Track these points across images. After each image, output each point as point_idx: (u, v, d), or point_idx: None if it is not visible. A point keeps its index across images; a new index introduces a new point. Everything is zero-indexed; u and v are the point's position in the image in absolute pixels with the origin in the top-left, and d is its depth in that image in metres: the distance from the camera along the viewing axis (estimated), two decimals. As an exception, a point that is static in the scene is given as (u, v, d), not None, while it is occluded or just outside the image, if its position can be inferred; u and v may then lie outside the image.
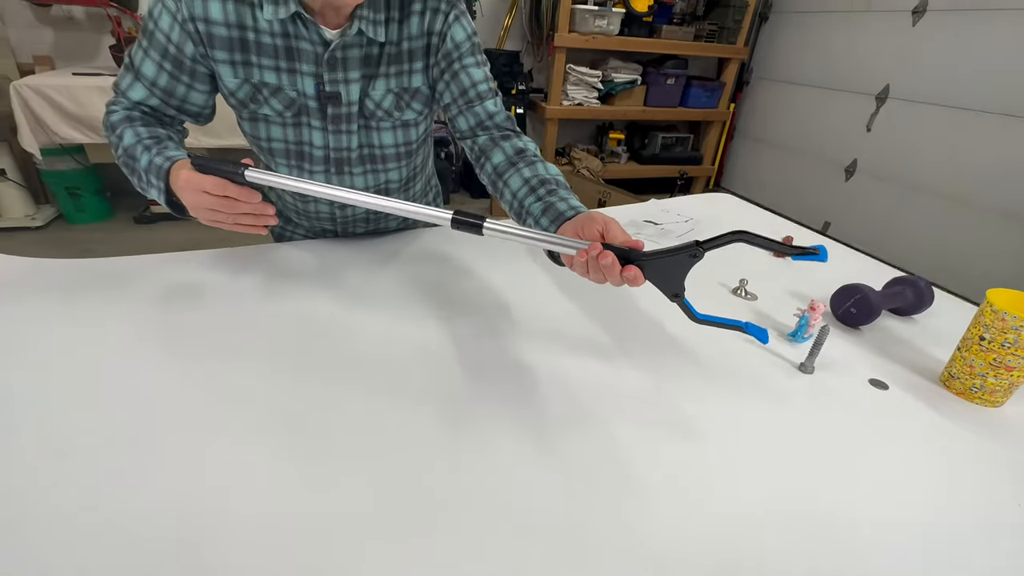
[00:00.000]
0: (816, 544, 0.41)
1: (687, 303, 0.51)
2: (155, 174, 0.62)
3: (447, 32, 0.70)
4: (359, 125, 0.73)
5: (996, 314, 0.55)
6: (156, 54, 0.65)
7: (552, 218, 0.60)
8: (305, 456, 0.45)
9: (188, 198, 0.58)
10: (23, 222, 2.46)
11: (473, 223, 0.51)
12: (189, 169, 0.57)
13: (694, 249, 0.49)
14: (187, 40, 0.64)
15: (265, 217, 0.59)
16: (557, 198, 0.63)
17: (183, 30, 0.63)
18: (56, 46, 2.60)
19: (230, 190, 0.56)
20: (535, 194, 0.65)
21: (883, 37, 2.83)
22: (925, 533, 0.43)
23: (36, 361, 0.53)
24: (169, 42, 0.64)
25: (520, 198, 0.66)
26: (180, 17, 0.62)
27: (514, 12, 3.21)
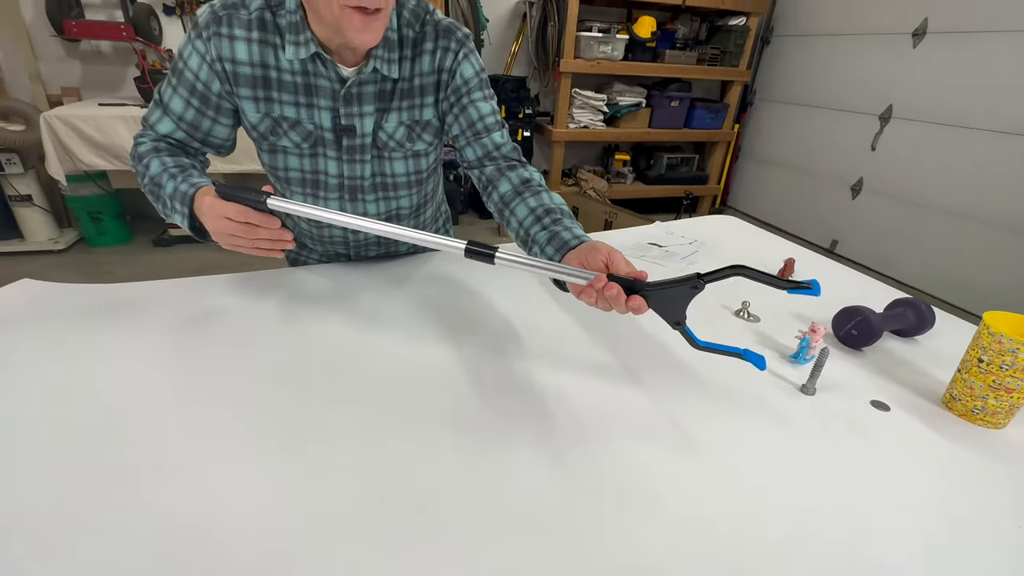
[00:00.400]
0: (817, 563, 0.42)
1: (688, 331, 0.53)
2: (179, 200, 0.65)
3: (456, 69, 0.74)
4: (372, 155, 0.77)
5: (993, 337, 0.56)
6: (184, 91, 0.69)
7: (557, 247, 0.63)
8: (317, 475, 0.47)
9: (211, 223, 0.62)
10: (46, 245, 2.55)
11: (486, 253, 0.54)
12: (213, 196, 0.61)
13: (695, 281, 0.51)
14: (215, 78, 0.69)
15: (283, 242, 0.62)
16: (562, 227, 0.65)
17: (211, 69, 0.68)
18: (84, 78, 2.72)
19: (252, 217, 0.59)
20: (540, 223, 0.68)
21: (884, 59, 2.87)
22: (925, 554, 0.43)
23: (55, 382, 0.56)
24: (197, 80, 0.69)
25: (526, 227, 0.69)
26: (209, 58, 0.67)
27: (521, 39, 3.31)
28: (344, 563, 0.39)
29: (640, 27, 3.13)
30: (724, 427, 0.56)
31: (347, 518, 0.43)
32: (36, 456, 0.47)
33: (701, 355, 0.68)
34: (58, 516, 0.41)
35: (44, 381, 0.57)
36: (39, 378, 0.57)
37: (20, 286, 0.77)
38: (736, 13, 3.29)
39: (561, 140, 3.30)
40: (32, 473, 0.45)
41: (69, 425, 0.51)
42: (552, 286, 0.85)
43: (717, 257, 1.04)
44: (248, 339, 0.67)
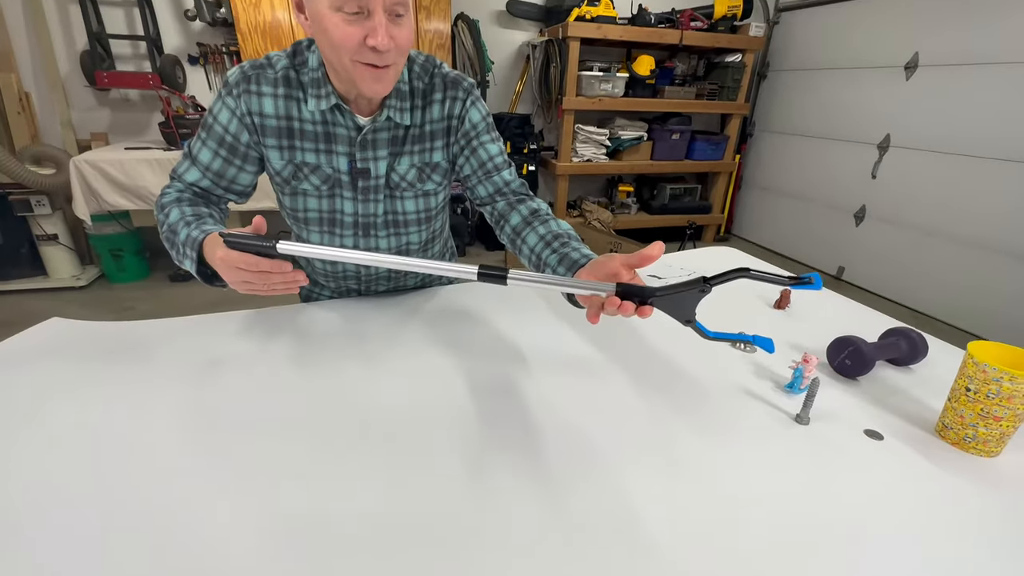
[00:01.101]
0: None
1: (699, 325, 0.56)
2: (190, 246, 0.68)
3: (465, 115, 0.81)
4: (385, 194, 0.83)
5: (978, 366, 0.57)
6: (213, 143, 0.76)
7: (568, 267, 0.67)
8: (327, 507, 0.49)
9: (224, 274, 0.63)
10: (69, 282, 2.64)
11: (498, 275, 0.56)
12: (223, 248, 0.61)
13: (702, 285, 0.54)
14: (244, 130, 0.75)
15: (296, 282, 0.65)
16: (571, 248, 0.70)
17: (241, 123, 0.75)
18: (112, 123, 2.88)
19: (263, 264, 0.60)
20: (551, 247, 0.72)
21: (879, 91, 2.95)
22: None
23: (78, 420, 0.60)
24: (227, 132, 0.75)
25: (537, 252, 0.74)
26: (239, 112, 0.74)
27: (525, 79, 3.45)
28: (351, 590, 0.41)
29: (639, 65, 3.26)
30: (720, 456, 0.58)
31: (366, 552, 0.45)
32: (58, 490, 0.50)
33: (703, 386, 0.71)
34: (82, 551, 0.44)
35: (67, 418, 0.60)
36: (62, 415, 0.61)
37: (50, 324, 0.82)
38: (732, 51, 3.42)
39: (565, 173, 3.40)
40: (54, 508, 0.48)
41: (94, 462, 0.54)
42: (558, 308, 0.89)
43: (714, 289, 1.07)
44: (263, 375, 0.70)
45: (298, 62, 0.75)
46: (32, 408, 0.61)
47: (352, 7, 0.61)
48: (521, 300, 0.95)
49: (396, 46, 0.65)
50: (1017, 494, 0.55)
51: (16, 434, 0.57)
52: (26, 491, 0.49)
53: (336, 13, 0.61)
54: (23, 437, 0.56)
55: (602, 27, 3.00)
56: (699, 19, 3.24)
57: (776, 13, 3.63)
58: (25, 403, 0.62)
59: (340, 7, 0.61)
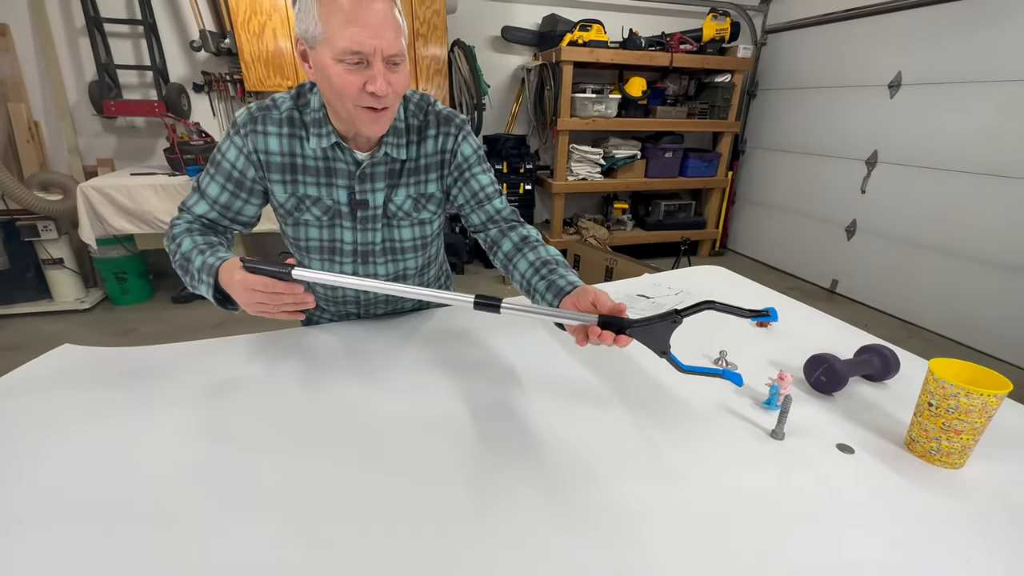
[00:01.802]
0: (774, 599, 0.46)
1: (673, 358, 0.61)
2: (206, 272, 0.73)
3: (457, 149, 0.87)
4: (383, 223, 0.88)
5: (937, 382, 0.61)
6: (221, 178, 0.81)
7: (555, 293, 0.73)
8: (329, 527, 0.52)
9: (239, 295, 0.68)
10: (73, 305, 2.68)
11: (492, 304, 0.62)
12: (241, 271, 0.68)
13: (673, 316, 0.59)
14: (250, 166, 0.81)
15: (306, 304, 0.70)
16: (557, 276, 0.76)
17: (248, 160, 0.80)
18: (118, 150, 2.96)
19: (278, 287, 0.66)
20: (539, 274, 0.78)
21: (865, 108, 3.03)
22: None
23: (93, 436, 0.64)
24: (234, 168, 0.81)
25: (527, 278, 0.80)
26: (246, 150, 0.80)
27: (520, 101, 3.54)
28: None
29: (631, 87, 3.35)
30: (699, 469, 0.61)
31: (373, 569, 0.48)
32: (74, 517, 0.53)
33: (683, 406, 0.74)
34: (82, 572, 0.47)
35: (81, 444, 0.64)
36: (77, 441, 0.64)
37: (61, 352, 0.86)
38: (721, 71, 3.51)
39: (561, 192, 3.46)
40: (61, 533, 0.51)
41: (109, 488, 0.57)
42: (551, 329, 0.94)
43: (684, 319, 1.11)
44: (270, 397, 0.74)
45: (301, 103, 0.80)
46: (47, 435, 0.65)
47: (354, 59, 0.67)
48: (514, 323, 0.99)
49: (393, 91, 0.71)
50: (980, 504, 0.58)
51: (31, 461, 0.60)
52: (41, 518, 0.53)
53: (339, 64, 0.67)
54: (38, 464, 0.60)
55: (594, 51, 3.10)
56: (688, 42, 3.34)
57: (763, 35, 3.74)
58: (40, 430, 0.66)
59: (342, 59, 0.67)
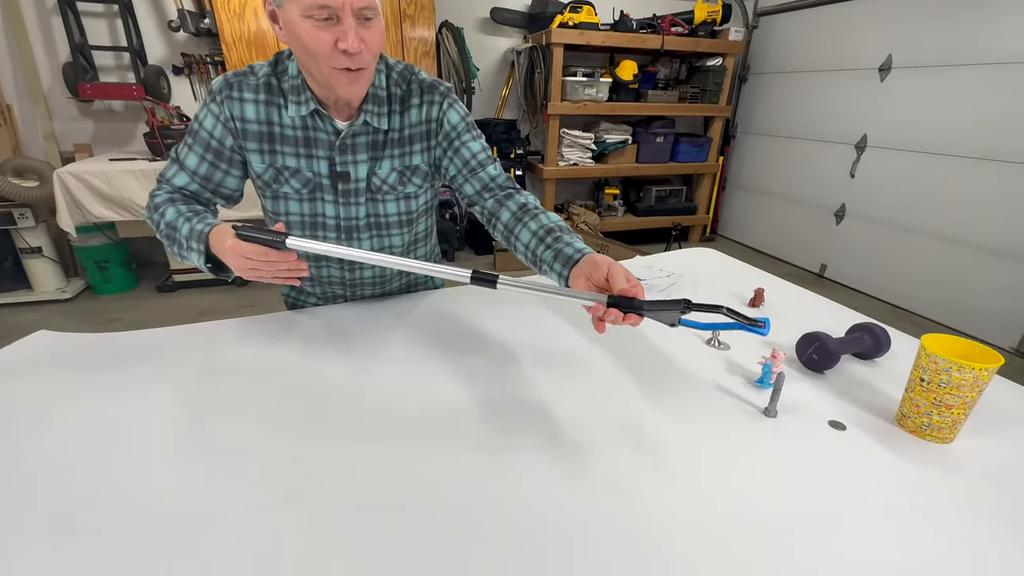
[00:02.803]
0: (773, 571, 0.46)
1: (684, 322, 0.59)
2: (196, 239, 0.71)
3: (443, 118, 0.84)
4: (367, 198, 0.86)
5: (930, 357, 0.61)
6: (199, 148, 0.78)
7: (563, 263, 0.70)
8: (320, 512, 0.51)
9: (232, 261, 0.67)
10: (54, 295, 2.62)
11: (489, 279, 0.60)
12: (233, 239, 0.66)
13: (683, 306, 0.57)
14: (228, 135, 0.78)
15: (300, 271, 0.68)
16: (564, 244, 0.72)
17: (225, 128, 0.77)
18: (95, 135, 2.87)
19: (271, 255, 0.65)
20: (544, 243, 0.75)
21: (855, 92, 3.03)
22: (873, 560, 0.47)
23: (70, 431, 0.61)
24: (212, 138, 0.78)
25: (532, 248, 0.76)
26: (223, 117, 0.77)
27: (510, 84, 3.49)
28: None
29: (622, 70, 3.31)
30: (693, 446, 0.61)
31: (343, 549, 0.47)
32: (48, 503, 0.51)
33: (678, 380, 0.74)
34: (71, 564, 0.46)
35: (58, 430, 0.61)
36: (53, 427, 0.62)
37: (36, 338, 0.83)
38: (713, 55, 3.48)
39: (552, 177, 3.43)
40: (43, 520, 0.49)
41: (81, 470, 0.55)
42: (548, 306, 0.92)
43: (692, 288, 1.10)
44: (253, 382, 0.72)
45: (279, 70, 0.78)
46: (19, 422, 0.62)
47: (322, 14, 0.64)
48: (506, 302, 0.98)
49: (367, 48, 0.68)
50: (969, 477, 0.58)
51: (2, 450, 0.58)
52: (17, 506, 0.51)
53: (307, 20, 0.64)
54: (9, 451, 0.58)
55: (585, 33, 3.05)
56: (680, 24, 3.30)
57: (755, 17, 3.71)
58: (12, 417, 0.63)
59: (310, 15, 0.64)
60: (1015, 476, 0.59)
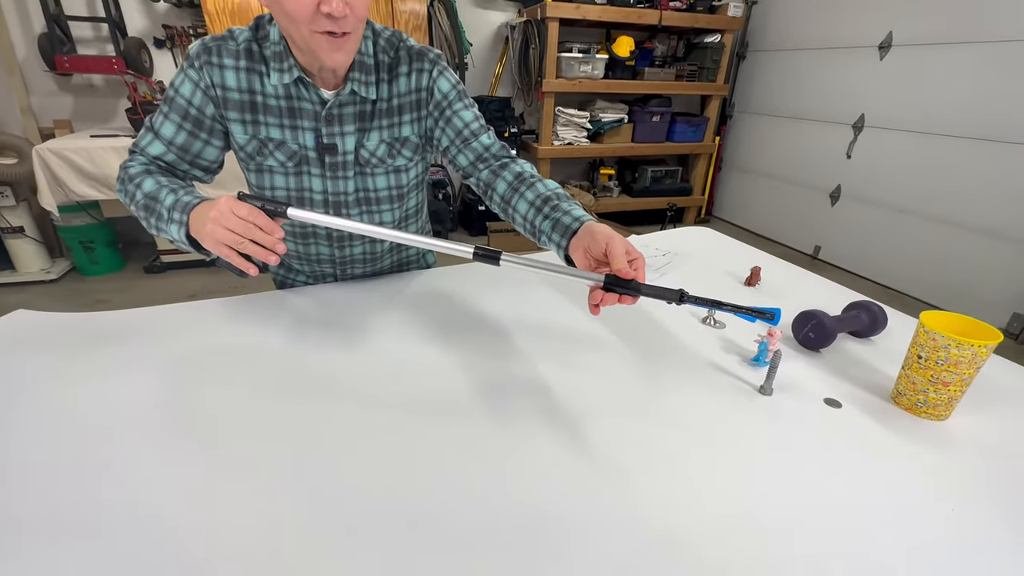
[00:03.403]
0: (770, 549, 0.45)
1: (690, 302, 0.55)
2: (180, 210, 0.65)
3: (433, 86, 0.80)
4: (355, 171, 0.82)
5: (928, 334, 0.60)
6: (177, 116, 0.74)
7: (562, 232, 0.68)
8: (311, 494, 0.50)
9: (216, 212, 0.58)
10: (39, 276, 2.57)
11: (492, 256, 0.58)
12: (228, 198, 0.59)
13: (677, 297, 0.54)
14: (208, 103, 0.74)
15: (273, 250, 0.59)
16: (562, 212, 0.70)
17: (205, 95, 0.73)
18: (75, 110, 2.78)
19: (259, 220, 0.58)
20: (542, 213, 0.72)
21: (854, 71, 2.99)
22: (868, 538, 0.47)
23: (58, 407, 0.60)
24: (190, 105, 0.74)
25: (530, 219, 0.74)
26: (203, 84, 0.73)
27: (504, 61, 3.41)
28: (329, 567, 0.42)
29: (619, 47, 3.24)
30: (689, 423, 0.61)
31: (335, 540, 0.46)
32: (31, 485, 0.50)
33: (673, 358, 0.74)
34: (55, 545, 0.44)
35: (40, 411, 0.60)
36: (35, 408, 0.60)
37: (15, 317, 0.80)
38: (711, 31, 3.41)
39: (547, 157, 3.38)
40: (26, 503, 0.48)
41: (66, 454, 0.54)
42: (546, 283, 0.90)
43: (688, 268, 1.09)
44: (240, 362, 0.70)
45: (260, 36, 0.73)
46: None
47: None
48: (501, 280, 0.96)
49: (352, 12, 0.64)
50: (964, 454, 0.58)
51: (-17, 426, 0.56)
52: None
53: None
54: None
55: (581, 7, 2.97)
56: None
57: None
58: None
59: None
60: (1009, 452, 0.59)
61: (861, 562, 0.45)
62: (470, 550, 0.44)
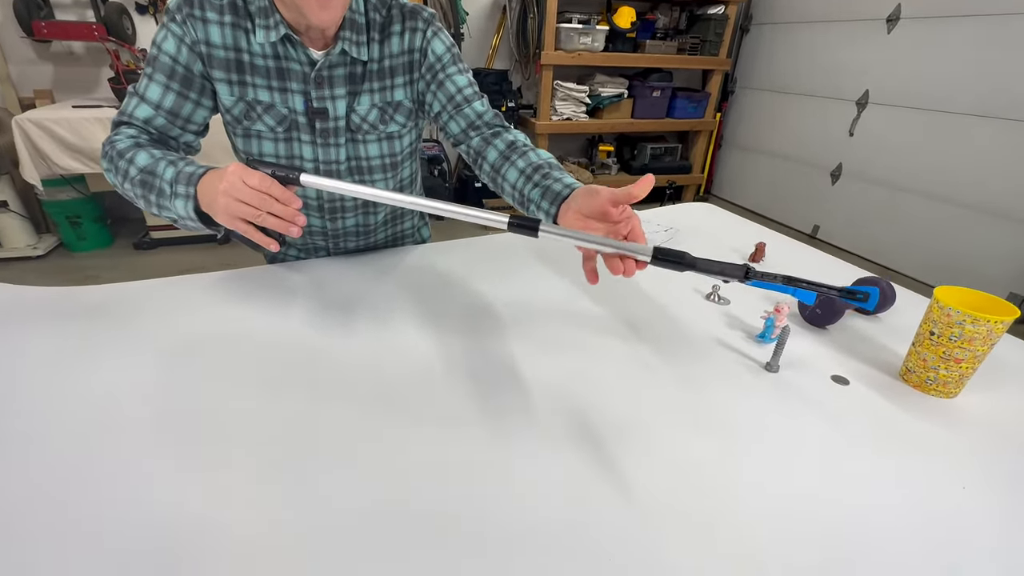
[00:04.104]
0: (775, 526, 0.44)
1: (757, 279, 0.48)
2: (184, 182, 0.61)
3: (427, 47, 0.76)
4: (346, 138, 0.78)
5: (942, 310, 0.58)
6: (162, 76, 0.69)
7: (551, 200, 0.64)
8: (298, 474, 0.48)
9: (226, 183, 0.54)
10: (25, 252, 2.51)
11: (530, 226, 0.52)
12: (238, 164, 0.56)
13: (741, 273, 0.47)
14: (196, 59, 0.69)
15: (293, 222, 0.56)
16: (552, 180, 0.66)
17: (192, 51, 0.68)
18: (56, 80, 2.67)
19: (274, 190, 0.55)
20: (531, 181, 0.69)
21: (860, 45, 2.91)
22: (876, 516, 0.46)
23: (42, 386, 0.57)
24: (176, 63, 0.69)
25: (519, 188, 0.71)
26: (188, 39, 0.68)
27: (501, 32, 3.30)
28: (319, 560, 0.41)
29: (620, 18, 3.14)
30: (694, 400, 0.59)
31: (319, 516, 0.44)
32: (15, 465, 0.47)
33: (677, 335, 0.72)
34: (43, 527, 0.42)
35: (23, 388, 0.57)
36: (18, 385, 0.57)
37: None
38: (715, 2, 3.31)
39: (545, 133, 3.31)
40: (10, 484, 0.46)
41: (53, 431, 0.51)
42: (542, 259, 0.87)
43: (691, 244, 1.06)
44: (231, 337, 0.67)
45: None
46: (-25, 376, 0.58)
47: None
48: (498, 257, 0.93)
49: None
50: (974, 432, 0.57)
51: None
52: (-30, 459, 0.47)
53: None
54: (-34, 405, 0.53)
55: (581, -25, 2.86)
56: (682, -33, 3.11)
57: (760, -38, 3.51)
58: (-33, 371, 0.58)
59: None
60: (1019, 430, 0.58)
61: (870, 540, 0.43)
62: (463, 525, 0.43)
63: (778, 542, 0.43)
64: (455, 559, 0.40)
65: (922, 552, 0.43)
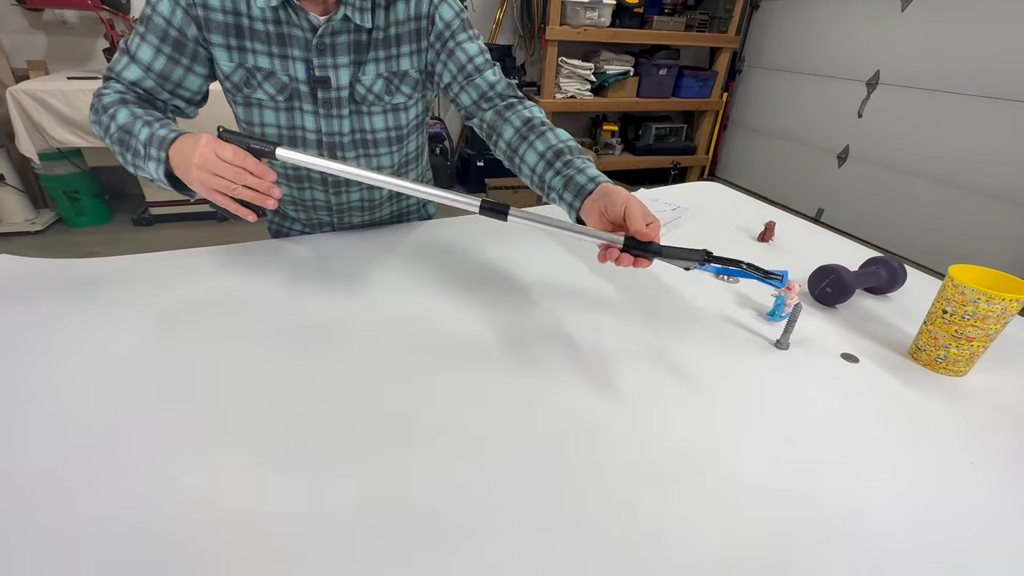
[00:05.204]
0: (786, 502, 0.44)
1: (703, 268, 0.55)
2: (156, 145, 0.60)
3: (435, 14, 0.73)
4: (350, 110, 0.76)
5: (956, 288, 0.58)
6: (155, 38, 0.67)
7: (575, 192, 0.64)
8: (304, 450, 0.48)
9: (199, 156, 0.54)
10: (23, 227, 2.49)
11: (500, 210, 0.54)
12: (210, 136, 0.56)
13: (702, 257, 0.54)
14: (191, 23, 0.67)
15: (270, 195, 0.56)
16: (575, 170, 0.66)
17: (187, 14, 0.66)
18: (50, 50, 2.61)
19: (248, 163, 0.54)
20: (553, 168, 0.68)
21: (872, 24, 2.84)
22: (885, 494, 0.46)
23: (42, 359, 0.57)
24: (170, 26, 0.66)
25: (539, 173, 0.70)
26: (184, 2, 0.65)
27: (505, 6, 3.22)
28: (317, 540, 0.41)
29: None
30: (705, 377, 0.59)
31: (324, 497, 0.44)
32: (10, 443, 0.47)
33: (687, 313, 0.71)
34: (34, 510, 0.42)
35: (24, 361, 0.57)
36: (18, 358, 0.57)
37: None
38: (725, -24, 3.22)
39: (549, 111, 3.25)
40: (5, 462, 0.45)
41: (50, 406, 0.51)
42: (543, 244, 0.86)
43: (699, 223, 1.05)
44: (236, 311, 0.67)
45: None
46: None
47: None
48: (504, 234, 0.92)
49: None
50: (983, 410, 0.57)
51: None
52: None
53: None
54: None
55: (588, -54, 2.78)
56: (692, -61, 3.02)
57: (773, -66, 3.40)
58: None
59: None
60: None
61: (879, 515, 0.44)
62: (475, 493, 0.43)
63: (785, 518, 0.43)
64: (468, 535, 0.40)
65: (930, 528, 0.43)
